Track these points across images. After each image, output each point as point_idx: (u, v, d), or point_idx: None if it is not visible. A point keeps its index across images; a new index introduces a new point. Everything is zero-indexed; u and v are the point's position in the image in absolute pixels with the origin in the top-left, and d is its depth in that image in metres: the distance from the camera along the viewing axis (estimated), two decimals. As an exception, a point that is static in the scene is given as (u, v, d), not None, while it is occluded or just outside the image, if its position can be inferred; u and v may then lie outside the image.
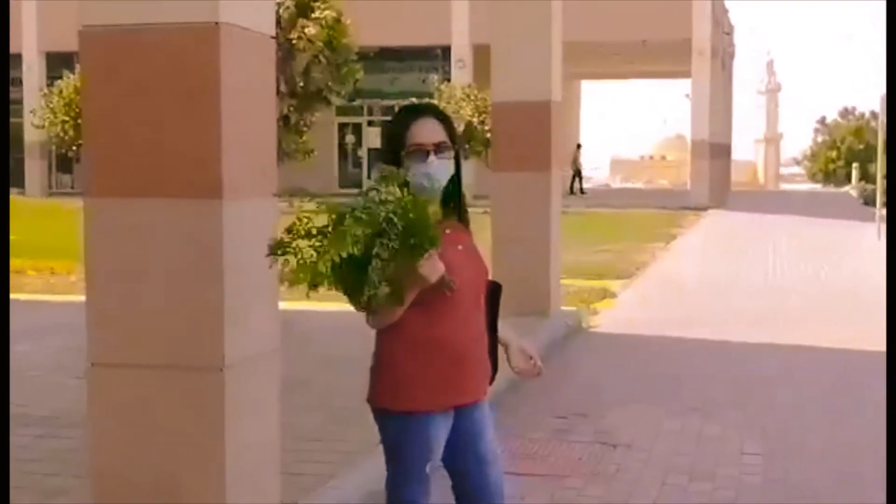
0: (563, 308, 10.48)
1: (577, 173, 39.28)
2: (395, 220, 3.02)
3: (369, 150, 37.89)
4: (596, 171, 78.89)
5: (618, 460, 5.98)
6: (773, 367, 8.64)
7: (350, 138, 38.69)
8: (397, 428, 3.33)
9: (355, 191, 3.43)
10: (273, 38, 4.40)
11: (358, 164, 38.49)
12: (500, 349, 3.53)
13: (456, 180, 3.39)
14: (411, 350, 3.26)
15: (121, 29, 3.98)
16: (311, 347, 8.34)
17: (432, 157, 3.30)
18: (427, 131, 3.33)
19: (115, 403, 4.04)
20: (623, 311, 11.58)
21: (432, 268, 3.11)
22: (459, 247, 3.34)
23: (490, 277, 3.49)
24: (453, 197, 3.40)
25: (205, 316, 3.93)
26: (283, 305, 4.37)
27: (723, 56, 39.05)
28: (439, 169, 3.31)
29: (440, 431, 3.35)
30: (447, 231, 3.29)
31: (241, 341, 4.01)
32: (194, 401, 3.96)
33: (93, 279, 4.05)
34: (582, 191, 38.32)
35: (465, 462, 3.45)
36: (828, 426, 6.75)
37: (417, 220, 3.05)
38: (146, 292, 3.98)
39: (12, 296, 11.28)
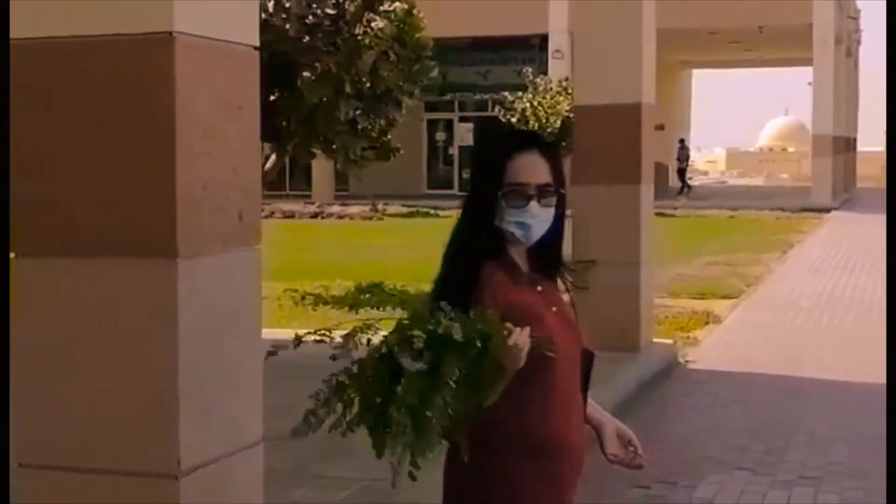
0: (656, 340, 9.62)
1: (681, 171, 38.29)
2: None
3: (461, 147, 37.25)
4: (711, 164, 77.34)
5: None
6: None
7: (440, 135, 38.04)
8: None
9: (445, 191, 2.72)
10: (256, 49, 3.68)
11: (449, 163, 37.83)
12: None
13: (554, 229, 2.84)
14: (517, 446, 2.74)
15: (56, 42, 3.32)
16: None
17: (533, 204, 2.77)
18: (530, 169, 2.79)
19: (46, 516, 3.37)
20: (728, 340, 10.68)
21: (519, 342, 2.51)
22: (553, 309, 2.81)
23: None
24: (549, 248, 2.85)
25: (155, 408, 3.23)
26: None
27: (848, 43, 37.54)
28: (538, 218, 2.79)
29: None
30: (538, 289, 2.81)
31: (204, 439, 3.31)
32: (144, 515, 3.27)
33: (18, 360, 3.37)
34: (688, 187, 37.22)
35: None
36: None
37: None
38: (82, 377, 3.30)
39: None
